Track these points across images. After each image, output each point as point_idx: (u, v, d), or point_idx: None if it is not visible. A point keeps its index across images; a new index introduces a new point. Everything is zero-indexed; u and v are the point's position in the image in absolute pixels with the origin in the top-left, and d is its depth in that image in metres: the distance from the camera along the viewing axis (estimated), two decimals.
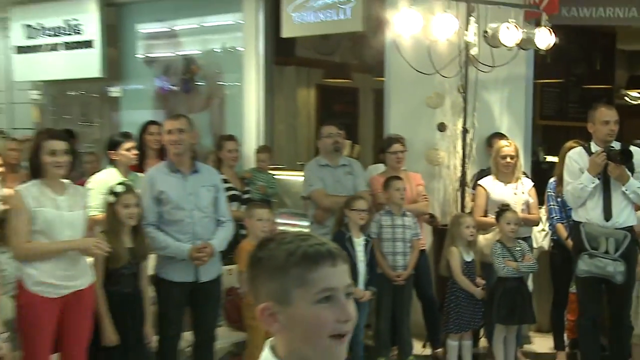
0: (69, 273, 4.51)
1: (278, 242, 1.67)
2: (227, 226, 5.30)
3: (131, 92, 10.32)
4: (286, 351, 1.65)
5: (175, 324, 5.14)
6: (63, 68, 10.59)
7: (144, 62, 10.11)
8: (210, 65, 9.40)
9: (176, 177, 5.14)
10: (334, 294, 1.62)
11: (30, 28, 10.93)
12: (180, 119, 5.28)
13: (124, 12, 10.29)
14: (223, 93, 9.30)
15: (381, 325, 6.31)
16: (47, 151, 4.47)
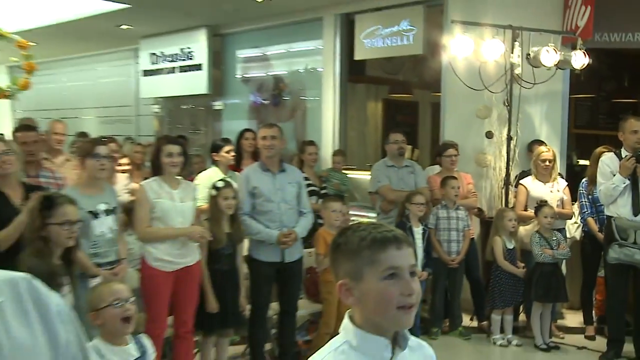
0: (180, 252, 4.56)
1: (353, 230, 1.68)
2: (307, 216, 5.27)
3: (231, 105, 10.44)
4: (361, 320, 1.64)
5: (264, 296, 5.14)
6: (178, 86, 10.81)
7: (241, 81, 10.22)
8: (295, 83, 9.44)
9: (267, 175, 5.13)
10: (399, 272, 1.61)
11: (154, 55, 11.18)
12: (273, 127, 5.27)
13: (227, 41, 10.41)
14: (305, 106, 9.32)
15: (436, 301, 6.31)
16: (166, 153, 4.53)
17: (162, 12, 9.34)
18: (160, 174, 4.57)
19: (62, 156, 6.12)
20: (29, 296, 1.22)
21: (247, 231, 5.04)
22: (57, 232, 3.33)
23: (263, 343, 5.23)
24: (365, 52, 8.18)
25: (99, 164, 4.31)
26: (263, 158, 5.20)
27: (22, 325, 1.17)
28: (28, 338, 1.17)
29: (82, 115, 13.66)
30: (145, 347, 3.19)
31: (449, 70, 6.85)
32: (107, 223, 4.34)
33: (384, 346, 1.63)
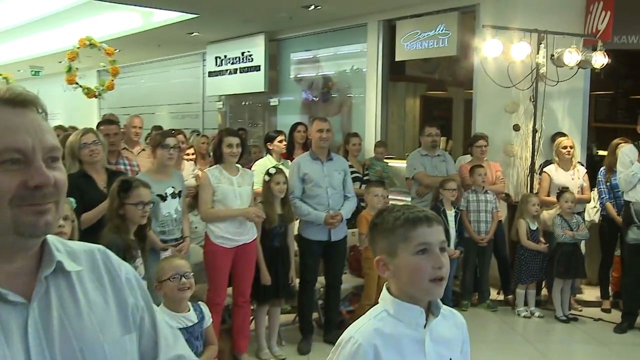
0: (239, 230, 4.56)
1: (388, 211, 1.68)
2: (351, 200, 5.24)
3: (285, 102, 10.46)
4: (397, 291, 1.65)
5: (312, 271, 5.14)
6: (238, 85, 10.88)
7: (295, 80, 10.22)
8: (342, 82, 9.41)
9: (316, 163, 5.12)
10: (430, 247, 1.60)
11: (218, 59, 11.26)
12: (327, 121, 5.25)
13: (282, 45, 10.41)
14: (351, 102, 9.28)
15: (466, 276, 6.25)
16: (226, 144, 4.54)
17: (226, 20, 9.42)
18: (222, 162, 4.60)
19: (138, 147, 6.22)
20: (103, 265, 1.25)
21: (298, 213, 5.04)
22: (133, 211, 3.39)
23: (310, 312, 5.23)
24: (405, 53, 8.09)
25: (168, 153, 4.37)
26: (314, 148, 5.17)
27: (97, 290, 1.20)
28: (102, 302, 1.19)
29: (156, 111, 13.90)
30: (203, 314, 3.23)
31: (480, 70, 6.75)
32: (173, 205, 4.39)
33: (418, 314, 1.63)
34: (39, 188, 1.06)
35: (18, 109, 1.09)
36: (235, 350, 4.68)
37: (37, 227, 1.07)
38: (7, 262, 1.09)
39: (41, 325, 1.09)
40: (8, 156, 1.05)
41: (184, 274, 3.11)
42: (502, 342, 5.40)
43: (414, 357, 1.60)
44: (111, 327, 1.18)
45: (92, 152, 4.13)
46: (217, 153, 4.61)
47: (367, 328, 1.61)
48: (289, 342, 5.14)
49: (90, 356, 1.11)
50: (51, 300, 1.12)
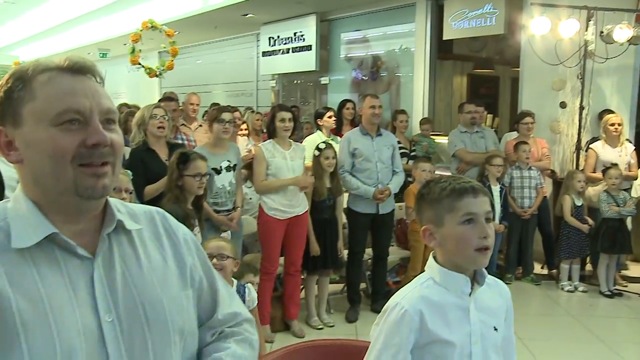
0: (291, 203, 4.57)
1: (435, 182, 1.66)
2: (399, 175, 5.17)
3: (335, 80, 10.37)
4: (444, 260, 1.64)
5: (360, 242, 5.12)
6: (291, 65, 10.84)
7: (345, 60, 10.12)
8: (391, 61, 9.26)
9: (366, 138, 5.07)
10: (475, 217, 1.58)
11: (272, 39, 11.24)
12: (378, 98, 5.19)
13: (333, 25, 10.31)
14: (399, 81, 9.13)
15: (510, 250, 6.12)
16: (279, 119, 4.53)
17: (279, 1, 9.38)
18: (275, 136, 4.60)
19: (195, 123, 6.31)
20: (162, 226, 1.27)
21: (348, 186, 5.02)
22: (190, 182, 3.43)
23: (358, 282, 5.23)
24: (453, 32, 7.89)
25: (223, 127, 4.39)
26: (365, 123, 5.11)
27: (156, 248, 1.23)
28: (161, 260, 1.22)
29: (213, 90, 14.02)
30: (245, 296, 3.21)
31: (528, 48, 6.54)
32: (227, 178, 4.42)
33: (463, 282, 1.61)
34: (96, 146, 1.10)
35: (77, 76, 1.13)
36: (286, 317, 4.73)
37: (95, 189, 1.11)
38: (73, 223, 1.13)
39: (105, 278, 1.12)
40: (68, 117, 1.09)
41: (217, 255, 3.09)
42: (546, 315, 5.29)
43: (458, 324, 1.57)
44: (169, 283, 1.20)
45: (160, 124, 4.20)
46: (271, 128, 4.61)
47: (413, 295, 1.60)
48: (337, 310, 5.16)
49: (150, 309, 1.14)
50: (114, 256, 1.16)
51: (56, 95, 1.09)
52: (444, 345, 1.55)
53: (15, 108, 1.10)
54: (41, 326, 1.02)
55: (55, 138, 1.08)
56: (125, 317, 1.11)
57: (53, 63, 1.12)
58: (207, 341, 1.28)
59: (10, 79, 1.12)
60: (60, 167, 1.08)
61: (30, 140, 1.09)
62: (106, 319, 1.09)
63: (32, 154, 1.10)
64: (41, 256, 1.07)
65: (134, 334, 1.11)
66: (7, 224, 1.09)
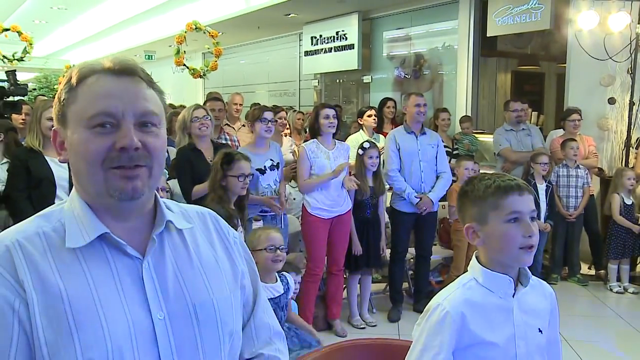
0: (335, 202, 4.56)
1: (479, 179, 1.65)
2: (444, 177, 5.08)
3: (377, 79, 10.32)
4: (487, 259, 1.62)
5: (403, 242, 5.09)
6: (333, 64, 10.83)
7: (387, 58, 10.07)
8: (434, 59, 9.17)
9: (410, 137, 5.03)
10: (520, 216, 1.56)
11: (314, 38, 11.26)
12: (423, 96, 5.15)
13: (375, 23, 10.26)
14: (442, 79, 9.03)
15: (556, 250, 5.98)
16: (323, 116, 4.52)
17: (321, 1, 9.38)
18: (319, 135, 4.60)
19: (239, 122, 6.36)
20: (214, 226, 1.29)
21: (395, 186, 4.98)
22: (234, 182, 3.47)
23: (401, 282, 5.20)
24: (497, 29, 7.75)
25: (266, 126, 4.41)
26: (410, 121, 5.07)
27: (208, 248, 1.24)
28: (213, 259, 1.23)
29: (255, 90, 14.14)
30: (289, 285, 3.25)
31: (575, 43, 6.38)
32: (272, 177, 4.44)
33: (507, 283, 1.59)
34: (124, 150, 1.09)
35: (121, 77, 1.12)
36: (328, 317, 4.73)
37: (124, 191, 1.11)
38: (122, 221, 1.15)
39: (156, 277, 1.14)
40: (100, 120, 1.09)
41: (279, 247, 3.14)
42: (593, 316, 5.15)
43: (502, 325, 1.55)
44: (221, 284, 1.21)
45: (202, 125, 4.26)
46: (315, 126, 4.60)
47: (455, 296, 1.58)
48: (379, 309, 5.15)
49: (200, 309, 1.15)
50: (165, 255, 1.17)
51: (92, 97, 1.10)
52: (487, 347, 1.53)
53: (64, 109, 1.13)
54: (92, 324, 1.04)
55: (88, 141, 1.09)
56: (176, 316, 1.12)
57: (99, 65, 1.13)
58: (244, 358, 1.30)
59: (63, 80, 1.15)
60: (92, 170, 1.09)
61: (71, 141, 1.12)
62: (158, 317, 1.10)
63: (72, 155, 1.13)
64: (93, 255, 1.09)
65: (184, 333, 1.12)
66: (62, 225, 1.12)
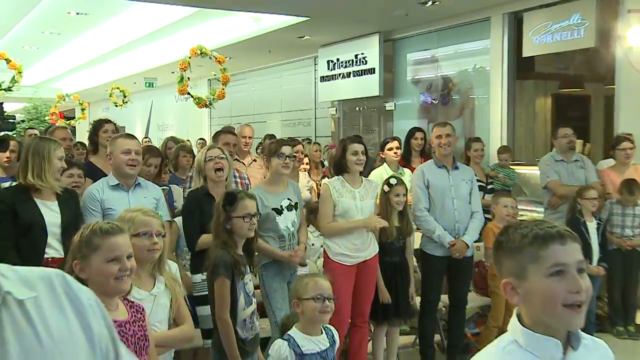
0: (359, 246, 4.52)
1: (515, 228, 1.58)
2: (478, 217, 5.03)
3: (401, 106, 10.38)
4: (529, 319, 1.54)
5: (434, 289, 5.02)
6: (352, 90, 10.95)
7: (412, 82, 10.13)
8: (463, 82, 9.20)
9: (442, 171, 5.01)
10: (565, 269, 1.49)
11: (331, 62, 11.39)
12: (447, 125, 5.13)
13: (398, 45, 10.36)
14: (473, 104, 9.05)
15: (613, 297, 5.82)
16: (351, 151, 4.52)
17: (338, 21, 9.51)
18: (345, 172, 4.58)
19: (249, 157, 6.35)
20: (63, 290, 1.22)
21: (424, 227, 4.95)
22: (240, 224, 3.43)
23: (432, 334, 5.10)
24: (534, 48, 7.76)
25: (283, 162, 4.38)
26: (438, 155, 5.06)
27: (58, 317, 1.18)
28: (66, 330, 1.17)
29: (267, 119, 14.28)
30: (335, 338, 3.22)
31: (624, 61, 6.35)
32: (290, 218, 4.39)
33: (553, 346, 1.51)
34: None
35: None
36: None
37: None
38: None
39: None
40: None
41: (328, 297, 3.11)
42: None
43: None
44: (77, 356, 1.17)
45: (217, 165, 4.19)
46: (341, 163, 4.58)
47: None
48: None
49: None
50: (5, 335, 1.10)
51: None
52: None
53: None
54: None
55: None
56: None
57: None
58: None
59: None
60: None
61: None
62: None
63: None
64: None
65: None
66: None
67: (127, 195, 4.06)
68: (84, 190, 4.18)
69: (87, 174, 4.59)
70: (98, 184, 4.12)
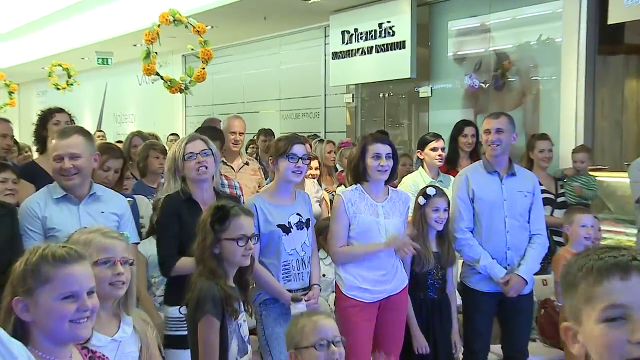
0: (382, 277, 4.54)
1: (581, 256, 1.62)
2: (539, 243, 5.03)
3: (440, 91, 10.40)
4: None
5: (483, 335, 5.04)
6: (375, 71, 10.95)
7: (454, 60, 10.13)
8: (524, 59, 9.18)
9: (493, 178, 5.03)
10: (626, 311, 1.50)
11: (346, 34, 11.39)
12: (500, 117, 5.13)
13: (436, 10, 10.39)
14: (537, 88, 9.03)
15: None
16: (372, 153, 4.53)
17: None
18: (364, 179, 4.59)
19: (239, 159, 6.35)
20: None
21: (465, 252, 4.98)
22: (232, 249, 3.43)
23: None
24: (625, 12, 7.69)
25: (295, 166, 4.39)
26: (488, 157, 5.08)
27: None
28: None
29: (261, 109, 14.27)
30: None
31: None
32: (299, 239, 4.42)
33: None
34: None
35: None
36: None
37: None
38: None
39: None
40: None
41: (333, 340, 3.09)
42: None
43: None
44: None
45: (200, 165, 4.22)
46: (359, 168, 4.60)
47: None
48: None
49: None
50: None
51: None
52: None
53: None
54: None
55: None
56: None
57: None
58: None
59: None
60: None
61: None
62: None
63: None
64: None
65: None
66: None
67: (78, 210, 4.02)
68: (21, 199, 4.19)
69: (29, 178, 4.61)
70: (39, 195, 4.10)
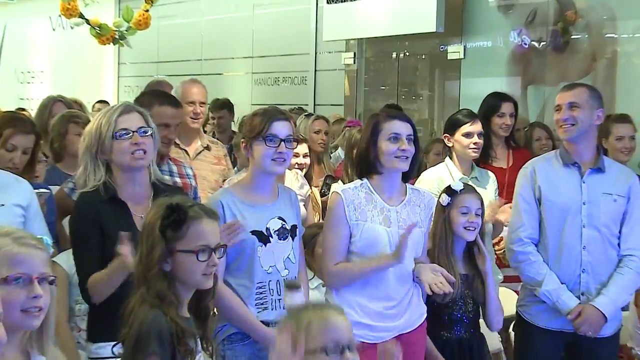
0: (390, 310, 4.56)
1: None
2: (632, 267, 5.00)
3: (476, 51, 10.41)
4: None
5: None
6: (385, 22, 10.91)
7: (497, 9, 10.13)
8: (596, 9, 9.22)
9: (569, 173, 5.05)
10: None
11: None
12: (576, 89, 5.14)
13: None
14: (614, 50, 9.08)
15: None
16: (387, 135, 4.51)
17: None
18: (372, 173, 4.60)
19: (197, 141, 6.33)
20: None
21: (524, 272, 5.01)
22: (189, 265, 3.42)
23: None
24: None
25: (275, 152, 4.41)
26: (565, 144, 5.11)
27: None
28: None
29: (226, 71, 14.27)
30: None
31: None
32: (282, 251, 4.47)
33: None
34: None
35: None
36: None
37: None
38: None
39: None
40: None
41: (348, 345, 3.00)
42: None
43: None
44: None
45: (138, 148, 4.20)
46: (371, 155, 4.58)
47: None
48: None
49: None
50: None
51: None
52: None
53: None
54: None
55: None
56: None
57: None
58: None
59: None
60: None
61: None
62: None
63: None
64: None
65: None
66: None
67: None
68: None
69: None
70: None
